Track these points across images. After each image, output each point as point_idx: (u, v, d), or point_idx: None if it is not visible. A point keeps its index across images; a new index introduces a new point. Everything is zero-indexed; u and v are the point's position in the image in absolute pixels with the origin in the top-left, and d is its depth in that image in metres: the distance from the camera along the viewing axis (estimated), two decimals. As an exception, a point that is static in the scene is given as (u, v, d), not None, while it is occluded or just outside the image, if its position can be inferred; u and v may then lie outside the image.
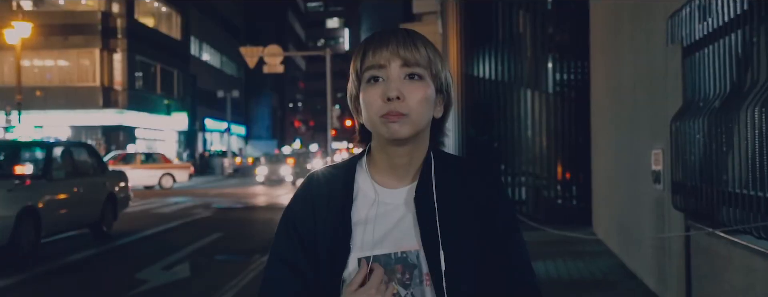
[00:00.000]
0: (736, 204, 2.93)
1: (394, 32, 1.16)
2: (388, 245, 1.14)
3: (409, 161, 1.17)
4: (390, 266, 1.13)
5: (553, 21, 10.56)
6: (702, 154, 3.38)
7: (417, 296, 1.13)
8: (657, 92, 4.70)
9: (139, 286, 6.09)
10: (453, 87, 1.21)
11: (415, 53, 1.13)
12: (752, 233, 2.84)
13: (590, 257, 6.77)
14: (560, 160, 10.25)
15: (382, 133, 1.13)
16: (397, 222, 1.16)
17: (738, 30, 3.01)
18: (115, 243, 8.98)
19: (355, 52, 1.18)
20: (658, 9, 4.52)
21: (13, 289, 6.08)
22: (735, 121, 2.87)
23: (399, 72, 1.12)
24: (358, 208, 1.17)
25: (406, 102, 1.10)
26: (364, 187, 1.19)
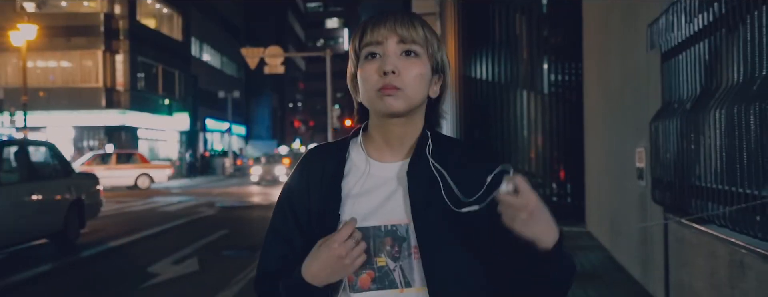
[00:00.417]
0: (703, 197, 3.25)
1: (393, 12, 1.20)
2: (378, 218, 1.16)
3: (403, 137, 1.20)
4: (379, 238, 1.15)
5: (548, 23, 10.88)
6: (676, 152, 3.70)
7: (405, 268, 1.14)
8: (641, 94, 5.02)
9: (151, 279, 6.40)
10: (449, 72, 1.23)
11: (412, 31, 1.16)
12: (715, 222, 3.15)
13: (581, 251, 7.08)
14: (555, 159, 10.56)
15: (377, 107, 1.16)
16: (388, 195, 1.18)
17: (706, 39, 3.32)
18: (125, 239, 9.28)
19: (354, 32, 1.22)
20: (640, 17, 4.83)
21: (23, 287, 6.39)
22: (702, 122, 3.18)
23: (395, 48, 1.15)
24: (350, 181, 1.20)
25: (401, 77, 1.13)
26: (357, 161, 1.22)
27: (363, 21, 1.21)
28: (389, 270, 1.15)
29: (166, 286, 6.14)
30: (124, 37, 27.75)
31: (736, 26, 2.90)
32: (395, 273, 1.15)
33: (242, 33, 50.74)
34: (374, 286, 1.15)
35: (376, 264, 1.15)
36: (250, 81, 50.26)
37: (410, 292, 1.14)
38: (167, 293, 5.85)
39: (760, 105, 2.47)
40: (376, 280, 1.14)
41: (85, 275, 6.86)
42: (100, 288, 6.21)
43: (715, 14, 3.16)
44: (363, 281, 1.15)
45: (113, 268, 7.27)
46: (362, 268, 1.14)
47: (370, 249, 1.15)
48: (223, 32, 44.75)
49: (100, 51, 27.22)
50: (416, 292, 1.14)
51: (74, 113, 26.55)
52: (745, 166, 2.63)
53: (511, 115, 10.70)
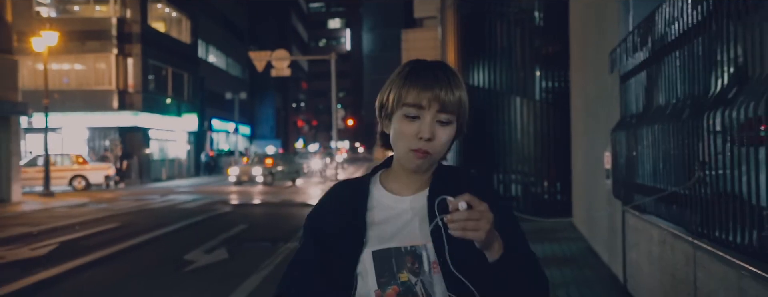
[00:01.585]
0: (641, 192, 4.22)
1: (438, 75, 1.29)
2: (398, 241, 1.30)
3: (421, 177, 1.37)
4: (401, 257, 1.28)
5: (540, 35, 11.84)
6: (625, 157, 4.67)
7: (426, 283, 1.27)
8: (608, 107, 5.99)
9: (189, 265, 7.38)
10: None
11: (452, 98, 1.28)
12: (652, 211, 4.12)
13: (565, 241, 8.07)
14: (546, 160, 11.53)
15: (407, 164, 1.32)
16: (405, 223, 1.32)
17: (645, 69, 4.30)
18: (157, 232, 10.27)
19: (403, 76, 1.31)
20: (607, 43, 5.81)
21: (70, 276, 7.37)
22: (639, 135, 4.16)
23: (435, 117, 1.28)
24: (373, 212, 1.35)
25: (433, 143, 1.28)
26: (378, 196, 1.37)
27: (411, 71, 1.31)
28: (411, 285, 1.27)
29: (203, 271, 7.11)
30: (136, 40, 28.69)
31: (661, 63, 3.88)
32: (417, 287, 1.27)
33: (246, 34, 51.67)
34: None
35: (399, 280, 1.27)
36: (254, 81, 51.17)
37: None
38: (205, 277, 6.81)
39: (668, 126, 3.44)
40: (401, 294, 1.26)
41: (132, 261, 7.87)
42: (149, 271, 7.20)
43: (649, 51, 4.13)
44: (389, 296, 1.27)
45: (154, 256, 8.27)
46: (387, 284, 1.27)
47: (393, 267, 1.28)
48: (228, 34, 45.69)
49: (113, 54, 28.17)
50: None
51: (89, 115, 27.52)
52: (660, 169, 3.60)
53: (506, 119, 11.66)
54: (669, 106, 3.54)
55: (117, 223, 11.52)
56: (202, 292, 6.06)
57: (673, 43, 3.47)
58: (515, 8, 11.85)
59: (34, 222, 11.83)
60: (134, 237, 9.66)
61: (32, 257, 7.80)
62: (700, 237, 3.07)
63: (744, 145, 2.35)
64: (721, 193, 2.68)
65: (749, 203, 2.33)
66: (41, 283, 6.39)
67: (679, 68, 3.42)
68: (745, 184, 2.38)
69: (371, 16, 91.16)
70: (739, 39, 2.61)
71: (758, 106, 2.12)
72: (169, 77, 32.60)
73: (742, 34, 2.58)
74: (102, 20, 28.61)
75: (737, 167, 2.45)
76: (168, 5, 33.08)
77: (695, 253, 3.17)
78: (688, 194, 3.15)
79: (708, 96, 2.91)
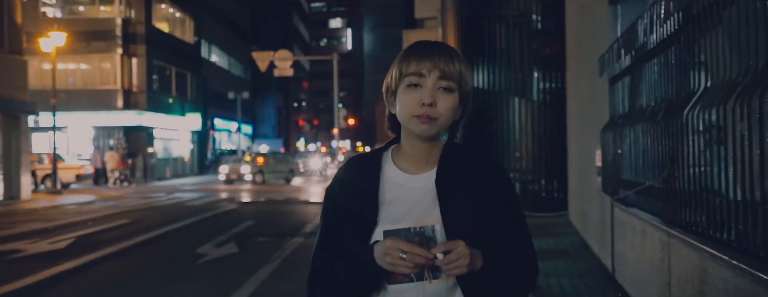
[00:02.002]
0: (625, 186, 4.59)
1: (437, 47, 1.36)
2: (408, 221, 1.34)
3: (430, 152, 1.40)
4: (410, 237, 1.31)
5: (538, 37, 12.20)
6: (612, 155, 5.04)
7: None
8: (599, 108, 6.36)
9: (202, 258, 7.74)
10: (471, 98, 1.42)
11: (452, 68, 1.32)
12: (634, 205, 4.49)
13: (560, 236, 8.43)
14: (543, 159, 11.89)
15: (413, 130, 1.35)
16: (416, 202, 1.37)
17: (628, 75, 4.67)
18: (168, 228, 10.64)
19: (402, 54, 1.38)
20: (597, 48, 6.18)
21: (91, 267, 7.75)
22: (623, 134, 4.53)
23: (435, 83, 1.32)
24: (385, 190, 1.39)
25: (437, 108, 1.32)
26: (389, 173, 1.41)
27: (411, 47, 1.39)
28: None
29: (216, 263, 7.48)
30: (141, 41, 29.07)
31: (642, 69, 4.25)
32: (425, 267, 1.31)
33: (248, 34, 52.03)
34: (406, 279, 1.32)
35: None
36: (256, 81, 51.52)
37: (437, 283, 1.34)
38: (218, 269, 7.18)
39: (646, 126, 3.81)
40: (408, 274, 1.31)
41: (147, 254, 8.25)
42: (164, 264, 7.57)
43: (632, 58, 4.50)
44: (396, 275, 1.33)
45: (168, 250, 8.65)
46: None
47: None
48: (230, 34, 46.05)
49: (118, 54, 28.56)
50: (443, 283, 1.34)
51: (94, 114, 27.91)
52: (640, 165, 3.97)
53: (505, 119, 12.03)
54: (648, 108, 3.91)
55: (127, 219, 11.90)
56: (216, 282, 6.42)
57: (650, 52, 3.84)
58: (514, 11, 12.22)
59: (47, 218, 12.22)
60: (146, 232, 10.03)
61: (52, 250, 8.18)
62: (672, 225, 3.44)
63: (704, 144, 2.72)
64: (686, 185, 3.04)
65: (706, 194, 2.69)
66: (65, 274, 6.77)
67: (656, 74, 3.78)
68: (704, 178, 2.75)
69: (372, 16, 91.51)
70: (702, 49, 2.98)
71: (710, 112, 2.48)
72: (173, 77, 32.98)
73: (705, 45, 2.95)
74: (107, 21, 28.98)
75: (697, 163, 2.81)
76: (172, 6, 33.46)
77: (669, 240, 3.54)
78: (661, 187, 3.52)
79: (678, 100, 3.28)
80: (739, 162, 2.26)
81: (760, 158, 2.08)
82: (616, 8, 5.70)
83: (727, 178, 2.41)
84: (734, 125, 2.27)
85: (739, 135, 2.24)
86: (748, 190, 2.23)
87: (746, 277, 2.38)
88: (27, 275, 6.56)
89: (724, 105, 2.35)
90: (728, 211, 2.46)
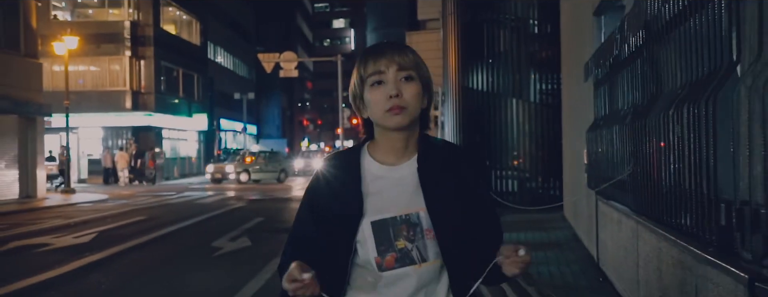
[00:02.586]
0: (603, 181, 5.12)
1: (389, 44, 1.45)
2: (393, 210, 1.43)
3: (406, 144, 1.47)
4: (397, 226, 1.41)
5: (535, 40, 12.72)
6: (595, 153, 5.57)
7: (420, 248, 1.42)
8: (586, 111, 6.88)
9: (217, 251, 8.28)
10: (433, 86, 1.50)
11: (406, 59, 1.42)
12: (612, 198, 5.02)
13: (553, 230, 8.96)
14: (540, 158, 12.41)
15: (387, 124, 1.42)
16: (399, 192, 1.44)
17: (607, 82, 5.20)
18: (182, 224, 11.19)
19: (358, 60, 1.46)
20: (584, 54, 6.71)
21: (116, 258, 8.30)
22: (603, 135, 5.06)
23: (396, 75, 1.41)
24: (367, 184, 1.45)
25: (404, 97, 1.40)
26: (369, 167, 1.48)
27: (364, 51, 1.46)
28: (408, 250, 1.41)
29: (231, 255, 8.02)
30: (149, 43, 29.63)
31: (616, 77, 4.78)
32: (413, 252, 1.41)
33: (253, 35, 52.58)
34: (397, 265, 1.41)
35: (397, 247, 1.41)
36: (260, 81, 52.05)
37: (427, 265, 1.42)
38: (234, 259, 7.72)
39: (618, 128, 4.34)
40: (398, 259, 1.40)
41: (167, 247, 8.81)
42: (183, 255, 8.13)
43: (609, 67, 5.04)
44: (388, 262, 1.41)
45: (185, 243, 9.21)
46: (386, 251, 1.42)
47: (391, 236, 1.41)
48: (234, 35, 46.60)
49: (127, 56, 29.14)
50: (432, 265, 1.43)
51: (104, 115, 28.49)
52: (615, 162, 4.50)
53: (503, 119, 12.54)
54: (621, 112, 4.44)
55: (143, 216, 12.45)
56: (234, 271, 6.96)
57: (622, 62, 4.37)
58: (512, 16, 12.74)
59: (66, 215, 12.79)
60: (163, 228, 10.59)
61: (78, 244, 8.74)
62: (639, 214, 3.97)
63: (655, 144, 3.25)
64: (646, 180, 3.57)
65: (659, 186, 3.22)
66: (94, 264, 7.32)
67: (627, 82, 4.31)
68: (658, 173, 3.28)
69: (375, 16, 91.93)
70: (660, 63, 3.51)
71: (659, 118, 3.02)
72: (180, 78, 33.56)
73: (662, 59, 3.48)
74: (116, 23, 29.55)
75: (653, 161, 3.34)
76: (179, 8, 34.04)
77: (637, 227, 4.07)
78: (628, 182, 4.05)
79: (643, 106, 3.81)
80: (677, 159, 2.79)
81: (689, 157, 2.60)
82: (600, 19, 6.22)
83: (670, 173, 2.94)
84: (673, 129, 2.80)
85: (676, 137, 2.77)
86: (685, 182, 2.76)
87: (687, 253, 2.91)
88: (59, 266, 7.12)
89: (666, 112, 2.89)
90: (672, 200, 2.98)
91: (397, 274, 1.42)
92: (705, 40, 2.57)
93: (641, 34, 3.80)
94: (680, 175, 2.77)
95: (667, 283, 3.32)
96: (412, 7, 34.43)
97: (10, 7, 17.25)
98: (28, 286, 6.15)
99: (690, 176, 2.63)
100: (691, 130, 2.53)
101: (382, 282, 1.43)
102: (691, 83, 2.75)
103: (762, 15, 2.10)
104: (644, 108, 3.65)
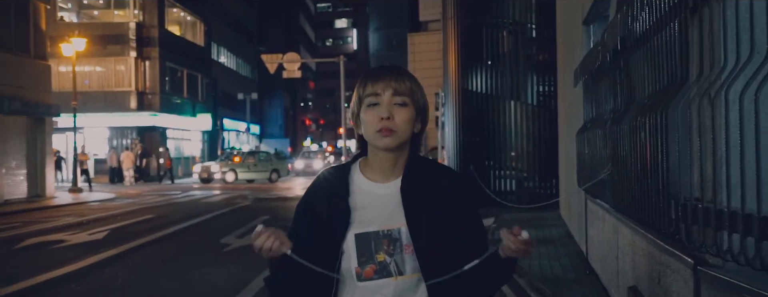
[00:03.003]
0: (590, 180, 5.48)
1: (389, 69, 1.55)
2: (376, 224, 1.52)
3: (395, 164, 1.56)
4: (378, 240, 1.50)
5: (534, 43, 13.08)
6: (583, 154, 5.94)
7: (399, 262, 1.51)
8: (577, 113, 7.25)
9: (226, 247, 8.66)
10: (428, 112, 1.61)
11: (403, 86, 1.52)
12: (598, 197, 5.38)
13: (548, 228, 9.33)
14: (538, 158, 12.76)
15: (377, 144, 1.52)
16: (383, 208, 1.54)
17: (592, 88, 5.56)
18: (190, 222, 11.58)
19: (359, 80, 1.56)
20: (575, 60, 7.07)
21: (129, 254, 8.68)
22: (590, 138, 5.42)
23: (390, 99, 1.51)
24: (355, 198, 1.56)
25: (394, 121, 1.50)
26: (359, 183, 1.58)
27: (365, 73, 1.57)
28: (386, 263, 1.50)
29: (239, 251, 8.39)
30: (154, 44, 30.04)
31: (599, 84, 5.14)
32: (391, 266, 1.50)
33: (255, 35, 52.98)
34: (376, 276, 1.51)
35: (376, 260, 1.51)
36: (263, 81, 52.45)
37: (403, 279, 1.51)
38: (242, 255, 8.09)
39: (600, 131, 4.71)
40: (377, 271, 1.50)
41: (177, 244, 9.19)
42: (194, 251, 8.51)
43: (594, 74, 5.40)
44: (367, 273, 1.51)
45: (195, 240, 9.59)
46: (366, 263, 1.51)
47: (372, 249, 1.51)
48: (237, 35, 47.01)
49: (132, 57, 29.56)
50: (408, 279, 1.52)
51: (109, 115, 28.90)
52: (599, 163, 4.87)
53: (502, 121, 12.90)
54: (603, 117, 4.81)
55: (152, 214, 12.84)
56: (243, 266, 7.33)
57: (604, 71, 4.73)
58: (510, 20, 13.10)
59: (78, 213, 13.18)
60: (172, 225, 10.98)
61: (93, 240, 9.13)
62: (618, 211, 4.33)
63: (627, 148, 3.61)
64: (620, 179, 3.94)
65: (629, 185, 3.59)
66: (110, 259, 7.71)
67: (608, 89, 4.67)
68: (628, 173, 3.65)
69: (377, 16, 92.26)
70: (632, 73, 3.87)
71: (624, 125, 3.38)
72: (185, 79, 33.97)
73: (633, 70, 3.84)
74: (121, 25, 29.96)
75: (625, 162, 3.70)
76: (183, 9, 34.44)
77: (617, 223, 4.43)
78: (608, 181, 4.42)
79: (620, 112, 4.18)
80: (642, 162, 3.15)
81: (650, 160, 2.97)
82: (589, 28, 6.58)
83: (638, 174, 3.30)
84: (638, 135, 3.16)
85: (640, 142, 3.13)
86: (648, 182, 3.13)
87: (652, 244, 3.28)
88: (77, 260, 7.51)
89: (635, 119, 3.25)
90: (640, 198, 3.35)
91: (375, 285, 1.52)
92: (665, 57, 2.94)
93: (618, 46, 4.16)
94: (645, 176, 3.13)
95: (639, 273, 3.69)
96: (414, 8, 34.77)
97: (20, 10, 17.64)
98: (50, 279, 6.54)
99: (651, 177, 2.99)
100: (650, 136, 2.90)
101: (360, 292, 1.53)
102: (654, 94, 3.11)
103: (702, 39, 2.46)
104: (620, 114, 4.01)
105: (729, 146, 2.17)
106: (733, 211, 2.11)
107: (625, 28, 3.84)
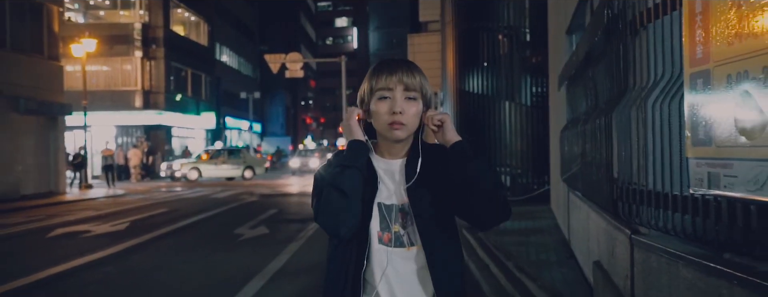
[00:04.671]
0: (566, 173, 6.20)
1: (400, 64, 1.65)
2: (394, 198, 1.68)
3: (403, 148, 1.72)
4: (394, 213, 1.66)
5: (529, 46, 13.77)
6: (564, 151, 6.65)
7: (411, 234, 1.67)
8: (562, 114, 7.96)
9: (239, 237, 9.37)
10: (434, 101, 1.72)
11: (414, 81, 1.63)
12: (577, 189, 6.09)
13: (539, 220, 10.04)
14: (532, 156, 13.46)
15: (387, 135, 1.65)
16: (398, 183, 1.69)
17: (573, 89, 6.27)
18: (203, 215, 12.29)
19: (371, 71, 1.67)
20: (558, 66, 7.78)
21: (153, 242, 9.39)
22: (569, 136, 6.14)
23: (401, 94, 1.62)
24: (378, 171, 1.70)
25: (405, 115, 1.62)
26: (375, 160, 1.72)
27: (379, 65, 1.68)
28: (401, 234, 1.66)
29: (253, 240, 9.10)
30: (159, 44, 30.74)
31: (575, 88, 5.85)
32: (404, 237, 1.66)
33: (257, 35, 53.60)
34: (392, 244, 1.67)
35: (392, 230, 1.66)
36: (265, 80, 53.07)
37: (415, 249, 1.67)
38: (255, 244, 8.80)
39: (575, 130, 5.42)
40: (393, 240, 1.66)
41: (194, 234, 9.90)
42: (210, 241, 9.22)
43: (572, 79, 6.11)
44: (386, 239, 1.66)
45: (210, 231, 10.30)
46: (384, 230, 1.67)
47: (389, 219, 1.66)
48: (239, 35, 47.62)
49: (138, 57, 30.25)
50: (418, 249, 1.67)
51: (116, 113, 29.60)
52: (574, 158, 5.58)
53: (497, 120, 13.59)
54: (578, 118, 5.53)
55: (166, 208, 13.55)
56: (256, 253, 8.03)
57: (579, 78, 5.44)
58: (505, 24, 13.79)
59: (95, 208, 13.90)
60: (187, 218, 11.69)
61: (116, 231, 9.85)
62: (587, 199, 5.05)
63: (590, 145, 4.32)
64: (586, 171, 4.65)
65: (591, 176, 4.30)
66: (135, 247, 8.42)
67: (581, 94, 5.39)
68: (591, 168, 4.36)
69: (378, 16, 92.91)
70: (597, 82, 4.58)
71: (589, 126, 4.09)
72: (189, 78, 34.67)
73: (597, 79, 4.55)
74: (127, 25, 30.63)
75: (588, 157, 4.42)
76: (187, 10, 35.13)
77: (588, 210, 5.14)
78: (578, 173, 5.13)
79: (590, 114, 4.89)
80: (599, 156, 3.87)
81: (602, 154, 3.68)
82: (571, 37, 7.29)
83: (596, 166, 4.01)
84: (596, 134, 3.88)
85: (597, 140, 3.85)
86: (602, 172, 3.84)
87: (608, 223, 3.99)
88: (106, 248, 8.22)
89: (594, 121, 3.97)
90: (598, 185, 4.06)
91: (392, 252, 1.66)
92: (615, 70, 3.65)
93: (585, 57, 4.88)
94: (600, 168, 3.84)
95: (602, 249, 4.41)
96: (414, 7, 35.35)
97: (34, 12, 18.33)
98: (87, 262, 7.26)
99: (604, 168, 3.70)
100: (603, 135, 3.61)
101: (378, 255, 1.65)
102: (608, 100, 3.83)
103: (636, 59, 3.17)
104: (587, 116, 4.73)
105: (647, 143, 2.89)
106: (650, 191, 2.83)
107: (591, 43, 4.55)
